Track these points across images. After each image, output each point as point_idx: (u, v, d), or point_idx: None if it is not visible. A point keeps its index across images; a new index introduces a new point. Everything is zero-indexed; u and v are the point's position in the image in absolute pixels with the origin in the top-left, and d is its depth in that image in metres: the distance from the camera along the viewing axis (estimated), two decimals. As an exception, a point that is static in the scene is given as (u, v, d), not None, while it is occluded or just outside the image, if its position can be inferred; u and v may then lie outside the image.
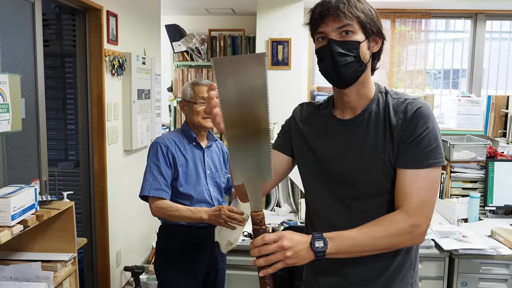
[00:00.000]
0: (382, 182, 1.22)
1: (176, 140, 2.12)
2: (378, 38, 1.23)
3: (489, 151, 2.91)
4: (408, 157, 1.19)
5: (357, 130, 1.25)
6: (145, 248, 3.91)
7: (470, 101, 4.39)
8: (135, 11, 3.51)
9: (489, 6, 4.69)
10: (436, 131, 1.19)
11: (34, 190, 1.74)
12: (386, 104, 1.24)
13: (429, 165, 1.17)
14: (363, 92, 1.25)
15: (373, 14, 1.20)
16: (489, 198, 2.81)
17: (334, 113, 1.30)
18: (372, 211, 1.22)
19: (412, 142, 1.18)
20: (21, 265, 1.80)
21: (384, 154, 1.21)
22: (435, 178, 1.20)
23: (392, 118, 1.21)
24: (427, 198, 1.18)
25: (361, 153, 1.23)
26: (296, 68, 4.56)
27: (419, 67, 4.89)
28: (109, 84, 3.03)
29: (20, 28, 2.27)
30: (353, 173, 1.24)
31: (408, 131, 1.19)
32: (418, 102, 1.22)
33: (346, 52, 1.17)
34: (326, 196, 1.30)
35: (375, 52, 1.25)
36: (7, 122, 2.07)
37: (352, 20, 1.17)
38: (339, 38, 1.18)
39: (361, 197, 1.24)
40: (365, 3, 1.21)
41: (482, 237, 2.42)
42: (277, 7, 4.50)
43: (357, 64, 1.19)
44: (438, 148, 1.19)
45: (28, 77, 2.34)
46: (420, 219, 1.16)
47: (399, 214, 1.17)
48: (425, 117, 1.19)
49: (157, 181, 2.04)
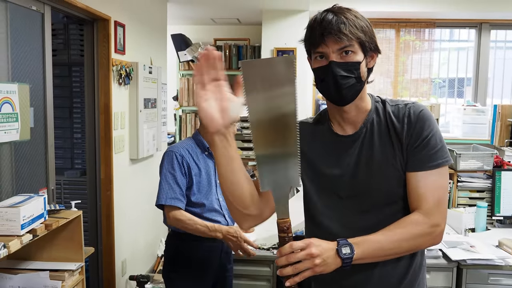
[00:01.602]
0: (395, 189, 1.23)
1: (190, 149, 2.13)
2: (375, 53, 1.24)
3: (496, 161, 2.90)
4: (418, 160, 1.20)
5: (363, 142, 1.25)
6: (150, 257, 3.91)
7: (476, 110, 4.38)
8: (142, 21, 3.54)
9: (493, 16, 4.70)
10: (439, 131, 1.23)
11: (43, 200, 1.75)
12: (386, 112, 1.25)
13: (438, 165, 1.19)
14: (361, 106, 1.26)
15: (371, 29, 1.21)
16: (496, 208, 2.80)
17: (334, 129, 1.29)
18: (386, 221, 1.20)
19: (420, 145, 1.20)
20: (29, 274, 1.81)
21: (395, 160, 1.22)
22: (445, 177, 1.23)
23: (396, 124, 1.22)
24: (441, 197, 1.20)
25: (372, 164, 1.23)
26: (301, 78, 4.57)
27: (424, 76, 4.89)
28: (116, 93, 3.05)
29: (29, 38, 2.29)
30: (367, 185, 1.23)
31: (415, 135, 1.21)
32: (419, 105, 1.24)
33: (348, 74, 1.17)
34: (337, 213, 1.28)
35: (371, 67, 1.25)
36: (16, 131, 2.09)
37: (353, 40, 1.16)
38: (339, 59, 1.17)
39: (375, 207, 1.23)
40: (362, 19, 1.21)
41: (490, 247, 2.41)
42: (282, 17, 4.53)
43: (358, 85, 1.19)
44: (444, 147, 1.21)
45: (37, 86, 2.36)
46: (438, 218, 1.18)
47: (417, 215, 1.18)
48: (428, 119, 1.22)
49: (172, 190, 2.04)
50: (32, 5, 2.26)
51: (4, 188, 2.13)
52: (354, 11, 1.21)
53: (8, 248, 1.50)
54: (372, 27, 1.24)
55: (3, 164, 2.14)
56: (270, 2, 4.27)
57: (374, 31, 1.24)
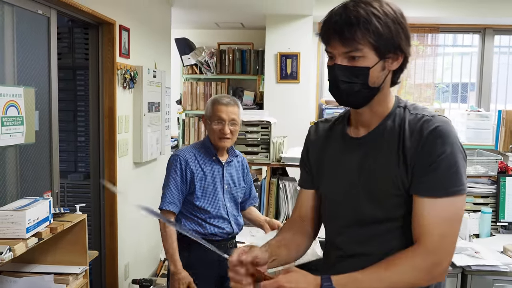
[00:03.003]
0: (393, 207, 1.11)
1: (197, 153, 2.14)
2: (399, 54, 1.09)
3: (500, 166, 2.89)
4: (424, 183, 1.06)
5: (369, 148, 1.15)
6: (153, 261, 3.90)
7: (479, 115, 4.38)
8: (146, 25, 3.56)
9: (497, 21, 4.70)
10: (456, 154, 1.05)
11: (48, 203, 1.75)
12: (403, 120, 1.12)
13: (449, 193, 1.04)
14: (378, 110, 1.15)
15: (392, 29, 1.05)
16: (501, 214, 2.79)
17: (348, 130, 1.22)
18: (382, 238, 1.12)
19: (428, 167, 1.05)
20: (33, 278, 1.81)
21: (396, 177, 1.09)
22: (457, 208, 1.06)
23: (406, 137, 1.09)
24: (448, 232, 1.05)
25: (371, 174, 1.12)
26: (304, 82, 4.58)
27: (427, 81, 4.89)
28: (121, 97, 3.06)
29: (35, 42, 2.30)
30: (362, 195, 1.13)
31: (423, 154, 1.06)
32: (437, 120, 1.08)
33: (352, 81, 1.07)
34: (333, 218, 1.23)
35: (395, 68, 1.12)
36: (21, 134, 2.10)
37: (359, 44, 1.04)
38: (346, 62, 1.07)
39: (369, 222, 1.13)
40: (385, 14, 1.05)
41: (494, 253, 2.40)
42: (286, 22, 4.54)
43: (365, 91, 1.09)
44: (458, 173, 1.05)
45: (42, 90, 2.37)
46: (441, 256, 1.04)
47: (416, 251, 1.05)
48: (443, 138, 1.05)
49: (171, 195, 2.06)
50: (38, 9, 2.28)
51: (9, 191, 2.14)
52: (378, 3, 1.06)
53: (14, 251, 1.51)
54: (406, 21, 1.09)
55: (9, 167, 2.14)
56: (274, 6, 4.28)
57: (405, 27, 1.09)
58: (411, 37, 1.12)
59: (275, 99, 4.58)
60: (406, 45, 1.09)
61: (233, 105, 2.14)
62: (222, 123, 2.10)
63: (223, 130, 2.09)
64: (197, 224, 2.11)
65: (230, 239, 2.20)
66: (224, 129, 2.09)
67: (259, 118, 2.90)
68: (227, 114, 2.11)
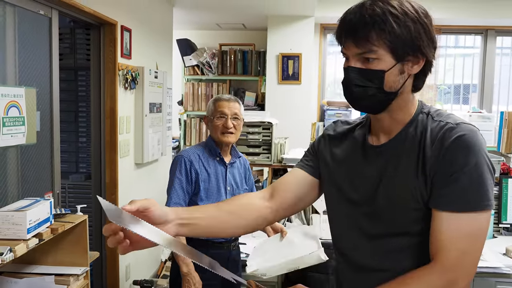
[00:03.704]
0: (410, 221, 1.03)
1: (201, 154, 2.14)
2: (420, 57, 1.01)
3: (502, 168, 2.88)
4: (443, 197, 0.97)
5: (389, 157, 1.07)
6: (154, 262, 3.90)
7: (482, 116, 4.36)
8: (148, 26, 3.56)
9: (499, 23, 4.70)
10: (481, 165, 0.96)
11: (49, 204, 1.75)
12: (425, 127, 1.03)
13: (470, 208, 0.95)
14: (398, 117, 1.07)
15: (411, 29, 0.97)
16: (503, 215, 2.78)
17: (369, 137, 1.14)
18: (398, 253, 1.05)
19: (448, 177, 0.97)
20: (34, 279, 1.80)
21: (415, 189, 1.01)
22: (480, 224, 0.96)
23: (427, 146, 1.00)
24: (468, 249, 0.96)
25: (389, 184, 1.05)
26: (306, 83, 4.57)
27: (429, 82, 4.88)
28: (122, 98, 3.06)
29: (37, 42, 2.30)
30: (377, 206, 1.07)
31: (444, 164, 0.97)
32: (461, 128, 0.98)
33: (366, 85, 1.00)
34: (348, 230, 1.14)
35: (416, 72, 1.04)
36: (22, 135, 2.09)
37: (374, 46, 0.98)
38: (360, 65, 1.01)
39: (385, 235, 1.07)
40: (403, 14, 0.97)
41: (497, 255, 2.39)
42: (288, 23, 4.54)
43: (381, 95, 1.01)
44: (482, 188, 0.95)
45: (44, 90, 2.36)
46: (458, 274, 0.96)
47: (432, 268, 0.97)
48: (467, 148, 0.96)
49: (177, 195, 2.06)
50: (40, 10, 2.27)
51: (10, 192, 2.13)
52: (398, 1, 0.98)
53: (14, 252, 1.50)
54: (430, 21, 1.01)
55: (10, 168, 2.14)
56: (276, 7, 4.27)
57: (428, 27, 1.00)
58: (435, 38, 1.03)
59: (277, 100, 4.57)
60: (429, 48, 1.01)
61: (234, 101, 2.18)
62: (224, 118, 2.12)
63: (226, 124, 2.11)
64: None
65: (233, 241, 2.19)
66: (227, 123, 2.11)
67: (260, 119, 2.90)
68: (229, 109, 2.14)
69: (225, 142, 2.13)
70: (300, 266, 1.92)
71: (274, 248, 2.06)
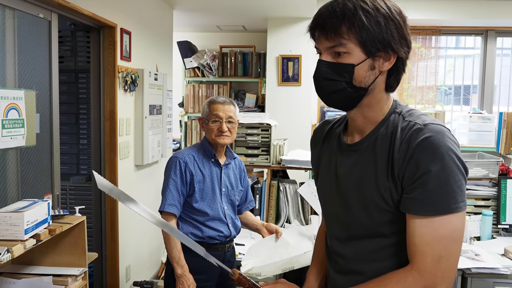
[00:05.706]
0: (384, 223, 1.02)
1: (195, 155, 2.14)
2: (391, 54, 1.01)
3: (501, 168, 2.88)
4: (412, 201, 0.96)
5: (359, 156, 1.06)
6: (154, 263, 3.91)
7: (482, 117, 4.36)
8: (148, 28, 3.58)
9: (499, 24, 4.69)
10: (448, 168, 0.93)
11: (47, 205, 1.76)
12: (395, 127, 1.02)
13: (440, 211, 0.94)
14: (370, 115, 1.06)
15: (382, 25, 0.97)
16: (502, 216, 2.77)
17: (344, 134, 1.15)
18: (375, 255, 1.05)
19: (415, 183, 0.95)
20: (32, 279, 1.81)
21: (386, 190, 1.00)
22: (453, 227, 0.94)
23: (396, 147, 0.99)
24: (443, 253, 0.94)
25: (360, 184, 1.04)
26: (306, 85, 4.58)
27: (429, 83, 4.89)
28: (122, 100, 3.08)
29: (36, 45, 2.32)
30: (351, 207, 1.07)
31: (410, 169, 0.96)
32: (429, 130, 0.96)
33: (334, 78, 1.00)
34: (329, 231, 1.18)
35: (389, 69, 1.04)
36: (22, 137, 2.11)
37: (343, 39, 0.98)
38: (330, 59, 1.00)
39: (361, 237, 1.07)
40: (374, 10, 0.97)
41: (495, 256, 2.39)
42: (288, 24, 4.55)
43: (350, 90, 1.00)
44: (450, 190, 0.93)
45: (43, 92, 2.38)
46: (435, 278, 0.94)
47: (408, 272, 0.97)
48: (432, 151, 0.94)
49: (172, 196, 2.06)
50: (40, 13, 2.29)
51: (9, 193, 2.15)
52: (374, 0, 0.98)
53: (12, 253, 1.52)
54: (403, 20, 1.01)
55: (9, 170, 2.15)
56: (276, 9, 4.29)
57: (401, 25, 1.00)
58: (409, 37, 1.03)
59: (277, 102, 4.59)
60: (400, 45, 1.00)
61: (229, 104, 2.15)
62: (219, 121, 2.11)
63: (221, 127, 2.10)
64: (195, 228, 2.11)
65: (228, 242, 2.19)
66: (222, 127, 2.10)
67: (259, 120, 2.91)
68: (224, 112, 2.12)
69: (220, 144, 2.13)
70: (295, 266, 1.93)
71: (269, 248, 2.07)
